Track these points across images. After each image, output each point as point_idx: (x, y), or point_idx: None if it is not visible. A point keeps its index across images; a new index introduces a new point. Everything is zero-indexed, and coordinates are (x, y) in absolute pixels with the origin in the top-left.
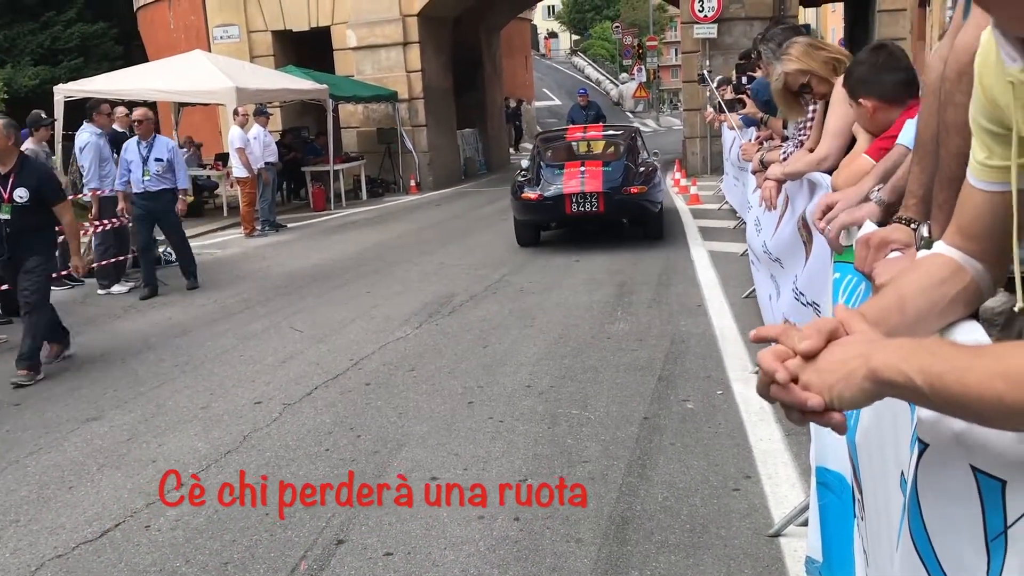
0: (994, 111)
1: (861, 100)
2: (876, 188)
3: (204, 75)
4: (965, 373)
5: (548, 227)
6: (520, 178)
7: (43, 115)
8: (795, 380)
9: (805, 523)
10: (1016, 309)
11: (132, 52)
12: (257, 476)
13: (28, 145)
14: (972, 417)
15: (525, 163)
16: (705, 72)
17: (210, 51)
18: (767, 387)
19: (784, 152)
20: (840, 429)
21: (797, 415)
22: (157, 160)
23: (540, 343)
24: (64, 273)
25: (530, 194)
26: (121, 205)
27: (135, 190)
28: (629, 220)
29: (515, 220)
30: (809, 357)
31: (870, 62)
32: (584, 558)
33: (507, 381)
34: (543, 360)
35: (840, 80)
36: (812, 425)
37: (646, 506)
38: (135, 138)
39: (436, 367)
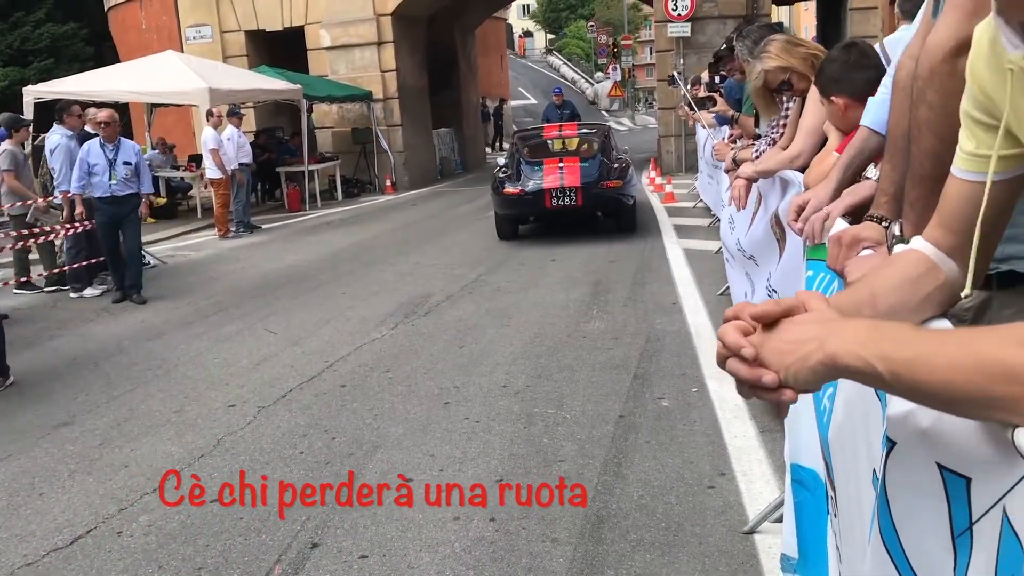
0: (985, 102)
1: (833, 98)
2: (873, 166)
3: (176, 76)
4: (932, 360)
5: (527, 221)
6: (500, 174)
7: (22, 116)
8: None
9: (780, 520)
10: (963, 295)
11: (103, 53)
12: (231, 480)
13: (6, 146)
14: (934, 404)
15: (502, 160)
16: (675, 74)
17: (182, 51)
18: (724, 359)
19: (757, 150)
20: (790, 401)
21: (747, 389)
22: (125, 164)
23: (516, 342)
24: (24, 280)
25: (511, 189)
26: (79, 209)
27: (98, 194)
28: (604, 213)
29: (496, 214)
30: (765, 325)
31: (841, 60)
32: (560, 558)
33: (483, 381)
34: (519, 360)
35: None
36: (786, 422)
37: (621, 505)
38: (96, 140)
39: (412, 368)
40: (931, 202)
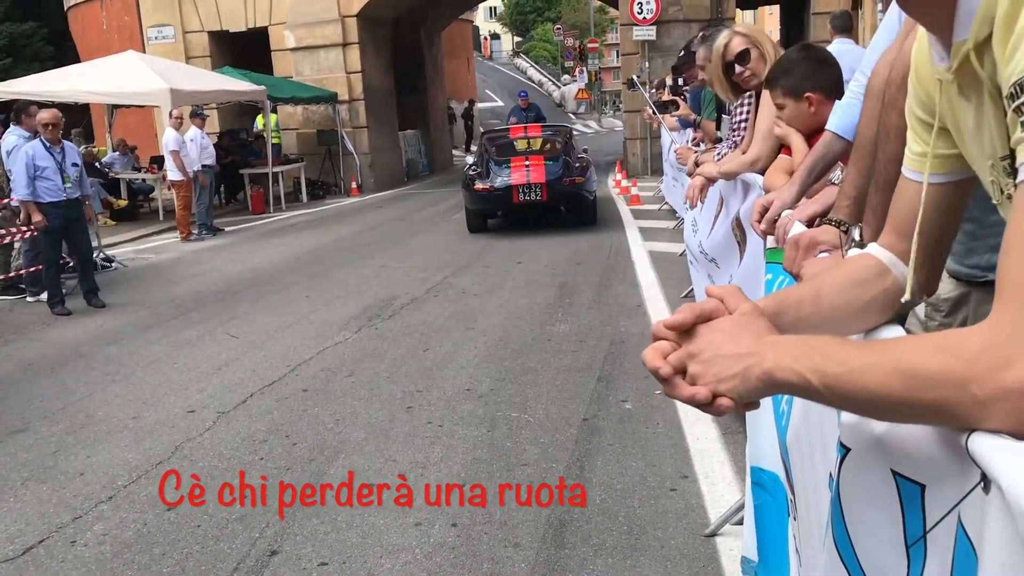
0: (927, 101)
1: (808, 94)
2: (838, 168)
3: (138, 76)
4: (863, 374)
5: (496, 215)
6: (471, 172)
7: None
8: (685, 372)
9: (741, 522)
10: (903, 300)
11: (64, 52)
12: (188, 487)
13: None
14: (867, 413)
15: (470, 159)
16: (634, 77)
17: (144, 52)
18: (660, 381)
19: (719, 153)
20: (729, 410)
21: (693, 405)
22: (74, 166)
23: (481, 345)
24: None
25: (482, 186)
26: (38, 218)
27: (50, 199)
28: (567, 208)
29: (466, 209)
30: (682, 332)
31: (811, 57)
32: (521, 563)
33: (447, 385)
34: (484, 363)
35: None
36: (748, 425)
37: (584, 508)
38: (38, 142)
39: (375, 372)
40: None
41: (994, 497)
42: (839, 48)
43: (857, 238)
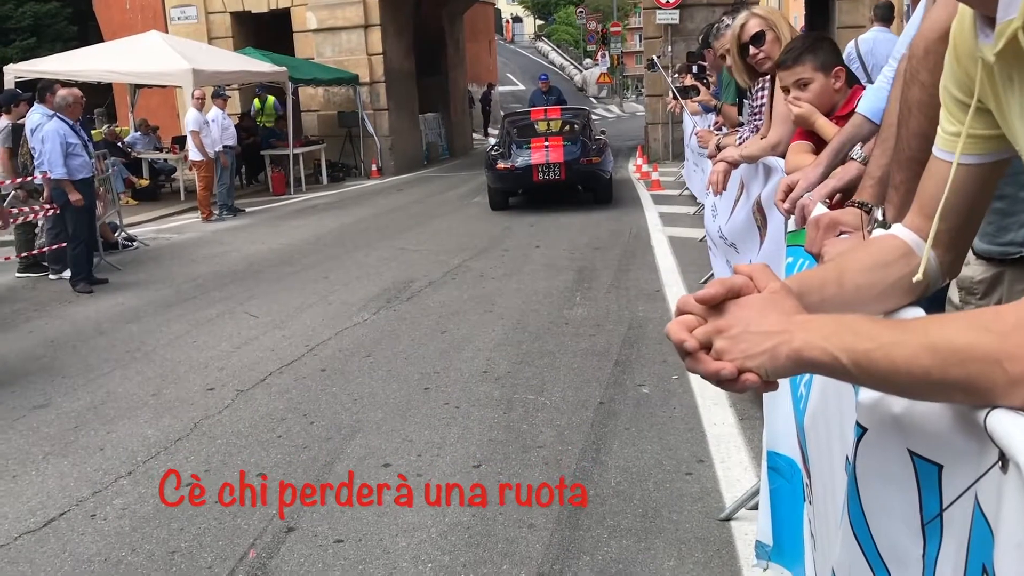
0: (964, 80)
1: (836, 71)
2: (859, 147)
3: (160, 56)
4: (892, 349)
5: (517, 193)
6: (493, 152)
7: (19, 91)
8: (709, 348)
9: (756, 507)
10: (914, 280)
11: (87, 32)
12: (207, 463)
13: (5, 122)
14: (897, 391)
15: (492, 140)
16: (655, 58)
17: (167, 32)
18: (683, 356)
19: (740, 137)
20: (754, 386)
21: (715, 381)
22: (90, 142)
23: (498, 328)
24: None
25: (504, 165)
26: (76, 196)
27: (82, 176)
28: (584, 187)
29: (489, 188)
30: (711, 307)
31: (827, 39)
32: (536, 543)
33: (464, 367)
34: (501, 346)
35: None
36: (764, 410)
37: (599, 491)
38: (60, 121)
39: (393, 353)
40: (915, 185)
41: (1012, 476)
42: (876, 36)
43: (880, 218)
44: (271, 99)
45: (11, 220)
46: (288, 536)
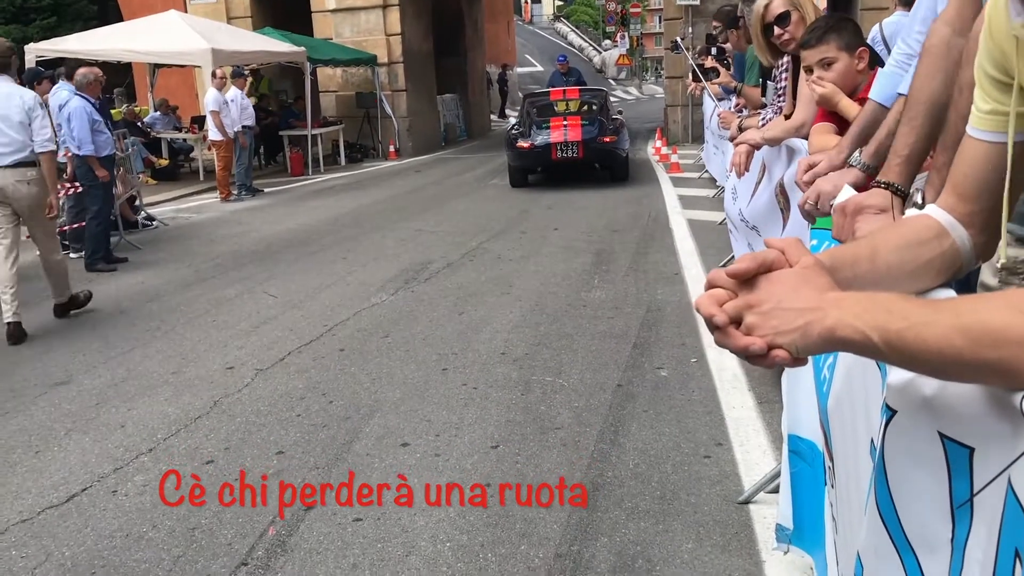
0: (1000, 59)
1: (860, 51)
2: (857, 152)
3: (180, 36)
4: (923, 329)
5: (536, 171)
6: (513, 131)
7: (42, 68)
8: (739, 322)
9: (775, 490)
10: (998, 265)
11: (107, 12)
12: (227, 441)
13: None
14: (930, 372)
15: (513, 119)
16: (678, 39)
17: (186, 12)
18: (712, 329)
19: (763, 119)
20: (784, 362)
21: (744, 356)
22: (109, 121)
23: (516, 310)
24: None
25: (523, 143)
26: (103, 172)
27: (106, 152)
28: (601, 164)
29: (509, 166)
30: (743, 281)
31: (850, 20)
32: (554, 524)
33: (482, 348)
34: (519, 327)
35: None
36: (785, 393)
37: (617, 473)
38: (85, 100)
39: (411, 333)
40: None
41: None
42: (900, 20)
43: (919, 201)
44: (266, 80)
45: None
46: (308, 514)
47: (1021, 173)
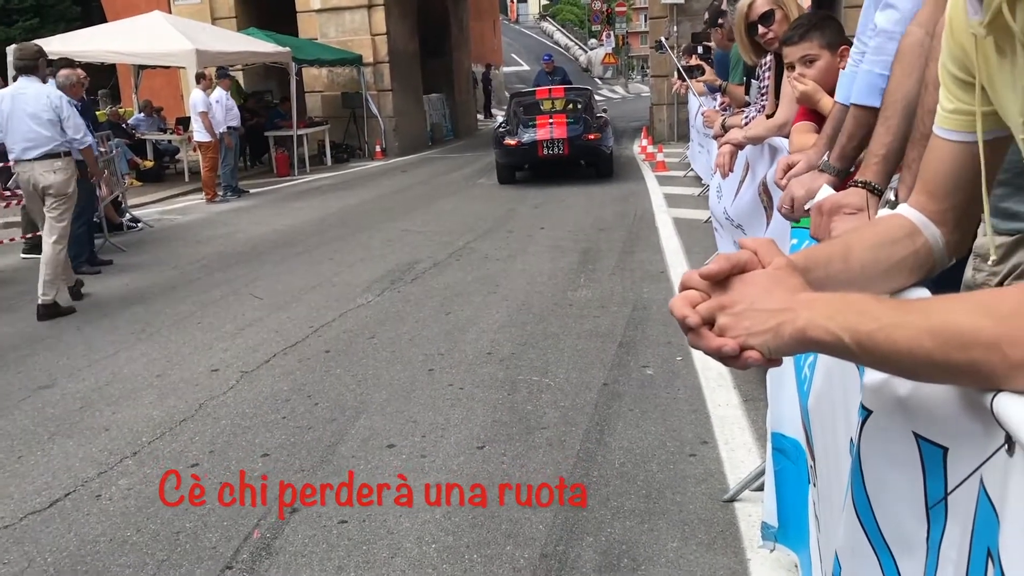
0: (962, 57)
1: (842, 49)
2: (825, 156)
3: (164, 37)
4: (893, 331)
5: (523, 168)
6: (501, 129)
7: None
8: (713, 323)
9: (760, 488)
10: (990, 263)
11: (90, 13)
12: (212, 444)
13: None
14: (901, 373)
15: (500, 118)
16: (662, 39)
17: (170, 12)
18: (685, 331)
19: (747, 117)
20: (757, 363)
21: (717, 357)
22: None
23: (503, 310)
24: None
25: (511, 141)
26: (96, 169)
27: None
28: (587, 161)
29: (497, 163)
30: (717, 283)
31: (832, 18)
32: (539, 524)
33: (468, 348)
34: (505, 327)
35: None
36: (769, 391)
37: (603, 472)
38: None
39: (397, 334)
40: None
41: (1018, 459)
42: None
43: (892, 198)
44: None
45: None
46: (292, 516)
47: (993, 170)
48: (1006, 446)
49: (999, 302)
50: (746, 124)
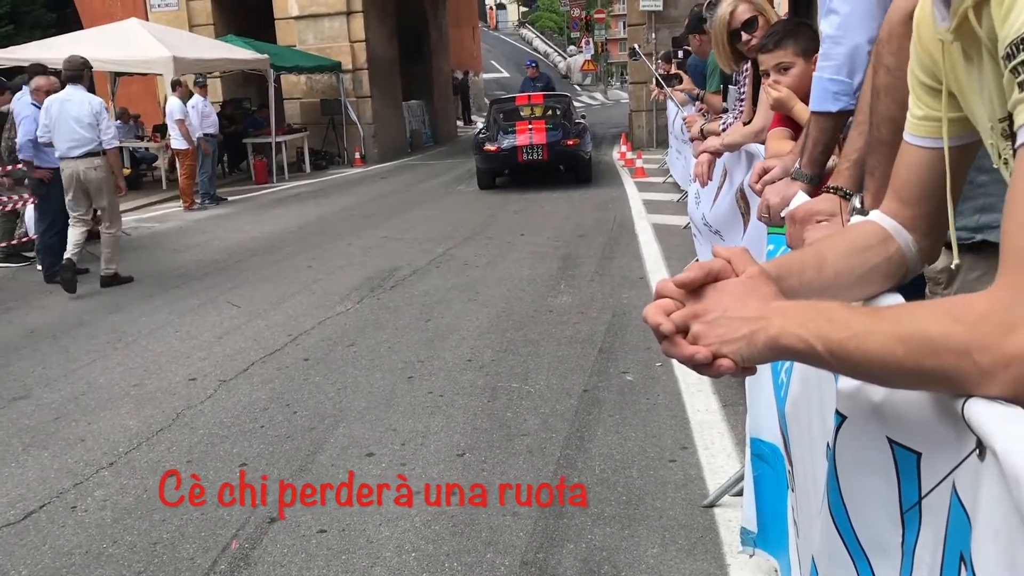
0: (930, 64)
1: (816, 57)
2: (797, 163)
3: (141, 44)
4: (864, 339)
5: (503, 174)
6: (481, 136)
7: (3, 79)
8: (686, 332)
9: (740, 493)
10: (952, 267)
11: (66, 20)
12: (189, 455)
13: None
14: (873, 380)
15: (481, 123)
16: (635, 47)
17: (147, 19)
18: (659, 339)
19: (724, 123)
20: (729, 371)
21: (691, 365)
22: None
23: (483, 317)
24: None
25: (491, 147)
26: (42, 173)
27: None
28: (566, 167)
29: (477, 169)
30: (690, 290)
31: (807, 25)
32: (520, 531)
33: (448, 355)
34: (485, 334)
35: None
36: (748, 397)
37: (583, 478)
38: (36, 108)
39: (376, 342)
40: (889, 170)
41: (989, 464)
42: None
43: (859, 205)
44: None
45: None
46: (271, 527)
47: (960, 176)
48: (977, 451)
49: (968, 309)
50: (724, 131)
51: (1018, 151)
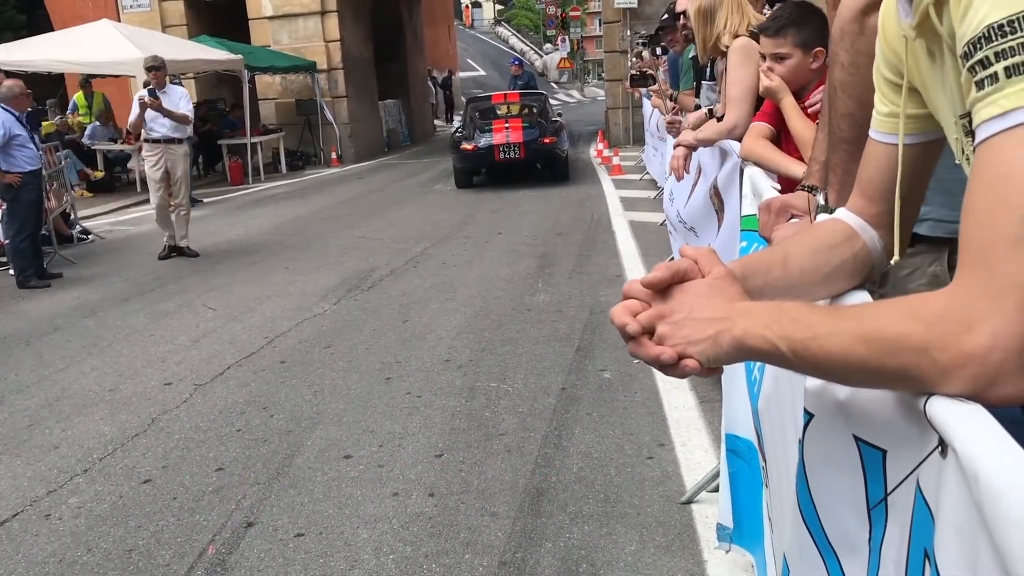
0: (894, 61)
1: (817, 51)
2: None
3: (113, 45)
4: (827, 339)
5: (480, 172)
6: (458, 135)
7: None
8: (652, 332)
9: (716, 490)
10: (892, 262)
11: (37, 21)
12: (165, 460)
13: None
14: (836, 379)
15: (457, 122)
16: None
17: (119, 21)
18: (626, 340)
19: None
20: (695, 371)
21: (657, 366)
22: (37, 133)
23: (460, 316)
24: None
25: (467, 146)
26: (11, 177)
27: (30, 167)
28: (542, 164)
29: (455, 168)
30: (657, 291)
31: (817, 13)
32: (498, 532)
33: (426, 356)
34: (463, 334)
35: (737, 44)
36: (724, 392)
37: (561, 477)
38: (6, 112)
39: (354, 343)
40: (851, 167)
41: (950, 461)
42: None
43: (822, 202)
44: (98, 94)
45: None
46: (248, 531)
47: (919, 173)
48: (939, 448)
49: (926, 307)
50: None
51: (977, 148)
